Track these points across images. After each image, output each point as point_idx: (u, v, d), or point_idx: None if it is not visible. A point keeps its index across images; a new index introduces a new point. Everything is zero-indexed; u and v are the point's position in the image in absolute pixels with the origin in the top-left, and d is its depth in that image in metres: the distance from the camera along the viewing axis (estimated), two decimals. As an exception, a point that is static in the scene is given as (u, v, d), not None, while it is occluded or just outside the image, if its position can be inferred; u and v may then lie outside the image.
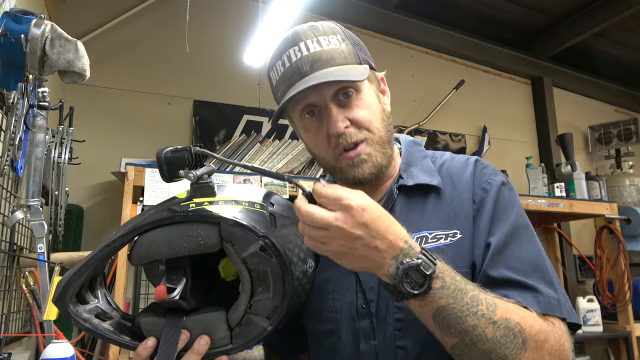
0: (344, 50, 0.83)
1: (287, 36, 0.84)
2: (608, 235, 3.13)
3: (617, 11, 3.33)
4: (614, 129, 4.06)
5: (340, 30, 0.86)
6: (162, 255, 0.70)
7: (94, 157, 2.46)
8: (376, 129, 0.83)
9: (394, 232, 0.64)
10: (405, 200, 0.86)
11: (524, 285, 0.73)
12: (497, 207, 0.81)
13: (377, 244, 0.63)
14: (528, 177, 3.29)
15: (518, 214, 0.81)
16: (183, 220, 0.69)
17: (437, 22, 3.59)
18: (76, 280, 0.71)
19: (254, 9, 2.75)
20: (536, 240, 0.81)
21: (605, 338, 3.19)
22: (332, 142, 0.82)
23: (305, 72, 0.80)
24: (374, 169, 0.83)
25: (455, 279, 0.67)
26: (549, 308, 0.72)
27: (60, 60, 1.32)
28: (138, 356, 0.71)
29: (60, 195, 1.66)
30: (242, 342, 0.71)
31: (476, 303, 0.66)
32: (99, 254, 0.71)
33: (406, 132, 3.25)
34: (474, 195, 0.83)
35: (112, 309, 0.78)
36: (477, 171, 0.86)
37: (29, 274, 1.64)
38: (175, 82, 2.86)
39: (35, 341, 1.84)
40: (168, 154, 0.70)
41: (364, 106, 0.83)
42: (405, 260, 0.64)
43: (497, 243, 0.77)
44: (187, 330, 0.70)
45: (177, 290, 0.69)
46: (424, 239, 0.80)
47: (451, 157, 0.92)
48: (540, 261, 0.77)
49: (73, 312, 0.71)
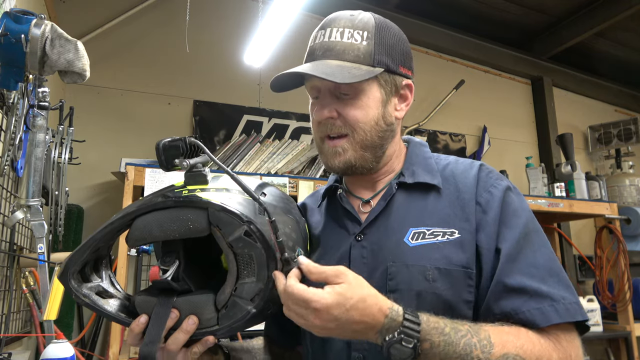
0: (360, 48, 0.84)
1: (328, 17, 0.89)
2: (608, 235, 3.13)
3: (617, 11, 3.33)
4: (614, 129, 4.06)
5: (372, 27, 0.86)
6: (155, 238, 0.74)
7: (94, 157, 2.46)
8: (362, 130, 0.84)
9: (370, 313, 0.67)
10: (405, 196, 0.87)
11: (540, 294, 0.74)
12: (505, 211, 0.81)
13: (355, 328, 0.67)
14: (528, 177, 3.29)
15: (528, 218, 0.82)
16: (175, 205, 0.74)
17: (437, 22, 3.59)
18: (77, 258, 0.76)
19: (254, 9, 2.75)
20: (548, 243, 0.81)
21: (605, 338, 3.20)
22: (320, 125, 0.87)
23: (315, 57, 0.85)
24: (344, 165, 0.86)
25: (444, 332, 0.68)
26: (568, 315, 0.73)
27: (60, 60, 1.32)
28: (131, 332, 0.75)
29: (60, 195, 1.66)
30: (227, 323, 0.74)
31: (470, 350, 0.68)
32: (98, 234, 0.76)
33: (406, 132, 3.25)
34: (477, 197, 0.83)
35: (115, 289, 0.83)
36: (482, 175, 0.86)
37: (29, 274, 1.64)
38: (175, 82, 2.86)
39: (35, 341, 1.84)
40: (165, 144, 0.75)
41: (357, 106, 0.84)
42: (388, 336, 0.67)
43: (509, 249, 0.77)
44: (176, 309, 0.74)
45: (170, 271, 0.74)
46: (421, 234, 0.81)
47: (456, 160, 0.93)
48: (554, 265, 0.78)
49: (74, 288, 0.76)
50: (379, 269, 0.82)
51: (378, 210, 0.87)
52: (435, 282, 0.77)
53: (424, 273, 0.78)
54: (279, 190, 0.91)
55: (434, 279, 0.78)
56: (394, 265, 0.80)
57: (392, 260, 0.81)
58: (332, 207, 0.96)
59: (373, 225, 0.86)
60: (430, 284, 0.77)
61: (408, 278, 0.79)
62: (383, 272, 0.81)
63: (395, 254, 0.81)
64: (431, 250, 0.80)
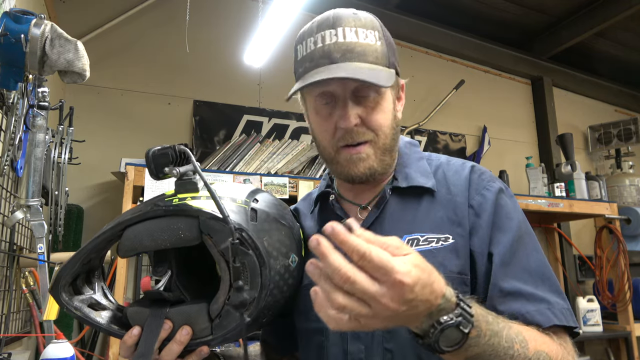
0: (377, 50, 0.81)
1: (327, 16, 0.82)
2: (608, 235, 3.13)
3: (617, 11, 3.33)
4: (614, 129, 4.06)
5: (379, 26, 0.84)
6: (146, 248, 0.73)
7: (94, 157, 2.46)
8: (384, 134, 0.82)
9: (435, 290, 0.55)
10: (399, 202, 0.86)
11: (535, 297, 0.74)
12: (498, 214, 0.80)
13: (418, 310, 0.55)
14: (528, 177, 3.29)
15: (521, 221, 0.81)
16: (165, 214, 0.73)
17: (437, 22, 3.59)
18: (68, 271, 0.75)
19: (254, 9, 2.75)
20: (539, 246, 0.81)
21: (605, 338, 3.19)
22: (338, 134, 0.82)
23: (335, 59, 0.78)
24: (368, 171, 0.83)
25: (488, 320, 0.62)
26: (564, 319, 0.73)
27: (60, 60, 1.32)
28: (124, 344, 0.73)
29: (60, 195, 1.66)
30: (221, 333, 0.72)
31: (511, 344, 0.63)
32: (89, 245, 0.75)
33: (406, 132, 3.25)
34: (470, 200, 0.82)
35: (108, 300, 0.81)
36: (475, 176, 0.85)
37: (29, 274, 1.64)
38: (175, 82, 2.86)
39: (35, 341, 1.84)
40: (155, 152, 0.74)
41: (380, 109, 0.82)
42: (442, 318, 0.56)
43: (503, 253, 0.77)
44: (170, 320, 0.72)
45: (162, 282, 0.73)
46: (415, 241, 0.80)
47: (447, 160, 0.91)
48: (546, 270, 0.78)
49: (65, 301, 0.75)
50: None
51: (372, 218, 0.86)
52: None
53: None
54: (272, 195, 0.89)
55: None
56: None
57: None
58: (325, 213, 0.93)
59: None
60: None
61: None
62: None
63: None
64: (426, 257, 0.78)
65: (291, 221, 0.86)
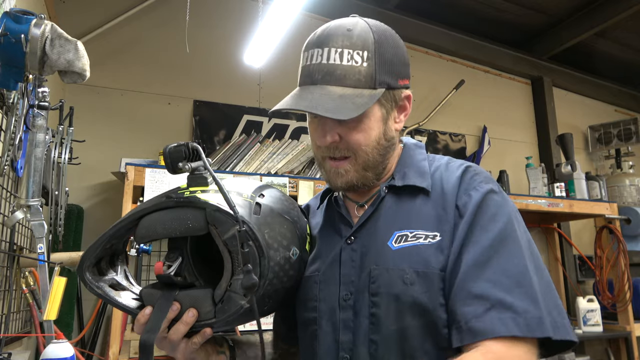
0: (361, 72, 0.81)
1: (322, 31, 0.85)
2: (608, 235, 3.13)
3: (617, 11, 3.33)
4: (614, 129, 4.06)
5: (371, 44, 0.83)
6: (159, 235, 0.79)
7: (94, 157, 2.46)
8: (364, 153, 0.84)
9: None
10: (394, 200, 0.88)
11: (503, 304, 0.71)
12: (482, 214, 0.79)
13: None
14: (528, 177, 3.29)
15: (507, 223, 0.78)
16: (176, 205, 0.80)
17: (437, 22, 3.59)
18: (91, 253, 0.82)
19: (254, 9, 2.75)
20: (525, 253, 0.77)
21: (605, 338, 3.20)
22: (321, 148, 0.87)
23: (315, 80, 0.82)
24: (346, 185, 0.87)
25: None
26: (528, 330, 0.70)
27: (60, 60, 1.32)
28: (137, 321, 0.80)
29: (60, 195, 1.66)
30: (223, 316, 0.78)
31: None
32: (110, 231, 0.82)
33: (406, 132, 3.25)
34: (457, 200, 0.82)
35: (129, 282, 0.89)
36: (467, 177, 0.85)
37: (29, 274, 1.64)
38: (175, 82, 2.86)
39: (35, 341, 1.84)
40: (171, 149, 0.80)
41: (360, 129, 0.83)
42: None
43: (479, 253, 0.75)
44: (178, 302, 0.79)
45: (173, 267, 0.80)
46: (404, 237, 0.82)
47: (447, 161, 0.92)
48: (526, 276, 0.74)
49: (88, 280, 0.82)
50: (365, 271, 0.83)
51: (367, 215, 0.88)
52: (412, 286, 0.77)
53: (402, 276, 0.78)
54: (280, 192, 0.94)
55: (411, 282, 0.77)
56: (377, 269, 0.81)
57: (375, 263, 0.82)
58: (329, 210, 0.98)
59: (363, 228, 0.87)
60: (408, 287, 0.77)
61: (388, 281, 0.79)
62: (367, 274, 0.82)
63: (378, 257, 0.82)
64: (411, 253, 0.80)
65: (296, 217, 0.91)
